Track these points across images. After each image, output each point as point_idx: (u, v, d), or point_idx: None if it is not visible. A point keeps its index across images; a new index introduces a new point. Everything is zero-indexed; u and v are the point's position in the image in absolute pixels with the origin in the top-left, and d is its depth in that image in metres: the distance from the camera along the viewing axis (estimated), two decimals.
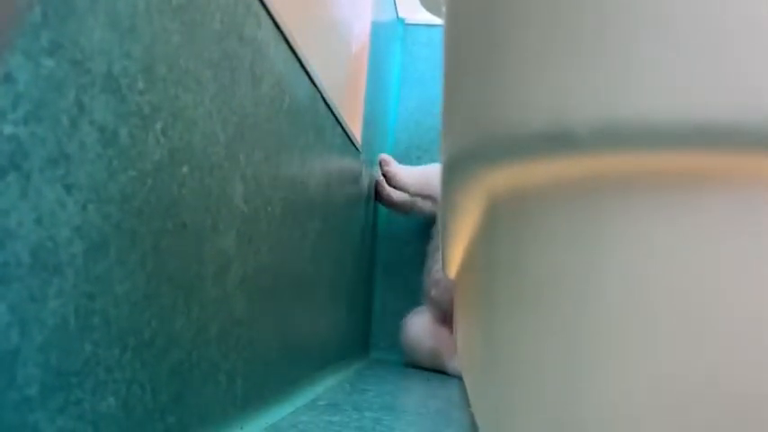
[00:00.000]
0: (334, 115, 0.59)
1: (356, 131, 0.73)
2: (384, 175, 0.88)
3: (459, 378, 0.75)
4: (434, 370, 0.81)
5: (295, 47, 0.44)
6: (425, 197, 0.87)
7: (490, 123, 0.17)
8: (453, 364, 0.78)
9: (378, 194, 0.90)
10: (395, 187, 0.88)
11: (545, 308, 0.17)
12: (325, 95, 0.54)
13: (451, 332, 0.82)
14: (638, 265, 0.15)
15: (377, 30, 0.87)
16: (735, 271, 0.14)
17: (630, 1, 0.14)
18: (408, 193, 0.88)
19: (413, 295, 0.91)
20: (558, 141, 0.15)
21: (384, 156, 0.89)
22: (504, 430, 0.20)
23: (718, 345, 0.14)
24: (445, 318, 0.83)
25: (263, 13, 0.38)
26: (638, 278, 0.15)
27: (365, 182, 0.82)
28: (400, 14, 1.08)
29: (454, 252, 0.36)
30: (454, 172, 0.21)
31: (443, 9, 0.24)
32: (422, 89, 1.06)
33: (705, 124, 0.13)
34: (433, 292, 0.84)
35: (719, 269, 0.14)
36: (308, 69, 0.48)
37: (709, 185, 0.14)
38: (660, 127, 0.14)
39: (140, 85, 0.24)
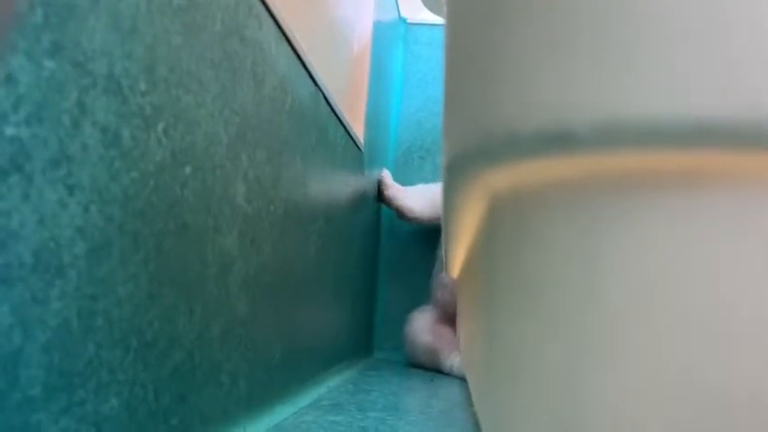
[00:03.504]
0: (336, 115, 0.59)
1: (358, 131, 0.73)
2: (393, 209, 0.90)
3: (457, 377, 0.75)
4: (431, 367, 0.81)
5: (297, 47, 0.44)
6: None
7: (491, 123, 0.17)
8: (449, 363, 0.78)
9: (380, 195, 0.90)
10: (409, 220, 0.91)
11: (547, 308, 0.17)
12: (327, 95, 0.54)
13: (452, 330, 0.82)
14: (640, 264, 0.15)
15: (379, 29, 0.87)
16: (737, 271, 0.14)
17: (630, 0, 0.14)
18: (423, 222, 0.90)
19: (417, 295, 0.91)
20: (559, 140, 0.15)
21: (392, 192, 0.89)
22: (507, 430, 0.20)
23: (720, 345, 0.14)
24: (448, 317, 0.83)
25: (264, 13, 0.38)
26: (640, 277, 0.15)
27: (368, 182, 0.83)
28: (402, 14, 1.08)
29: (456, 252, 0.36)
30: (456, 172, 0.21)
31: (445, 9, 0.24)
32: (424, 89, 1.06)
33: (706, 123, 0.13)
34: (439, 294, 0.85)
35: (721, 269, 0.14)
36: (310, 70, 0.48)
37: (710, 184, 0.14)
38: (661, 126, 0.14)
39: (142, 86, 0.24)
